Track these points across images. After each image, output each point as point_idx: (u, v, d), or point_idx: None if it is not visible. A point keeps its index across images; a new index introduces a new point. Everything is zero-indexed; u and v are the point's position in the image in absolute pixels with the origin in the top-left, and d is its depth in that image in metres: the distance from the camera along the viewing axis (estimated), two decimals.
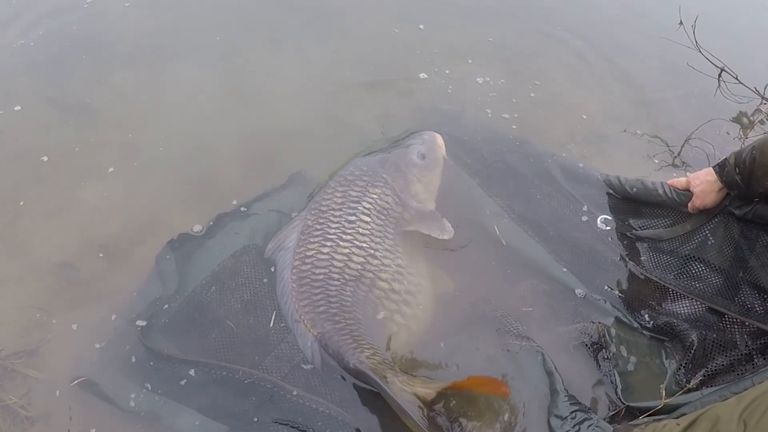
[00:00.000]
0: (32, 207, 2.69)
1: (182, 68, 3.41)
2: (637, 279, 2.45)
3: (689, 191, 2.47)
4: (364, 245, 2.37)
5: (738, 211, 2.38)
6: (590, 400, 2.10)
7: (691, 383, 2.05)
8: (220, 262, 2.39)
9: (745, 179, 2.26)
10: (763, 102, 3.46)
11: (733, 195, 2.39)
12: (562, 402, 2.00)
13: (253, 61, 3.48)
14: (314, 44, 3.61)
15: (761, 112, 3.48)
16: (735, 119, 3.44)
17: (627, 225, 2.61)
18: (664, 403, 1.94)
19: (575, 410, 1.97)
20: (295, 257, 2.32)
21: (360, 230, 2.41)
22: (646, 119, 3.38)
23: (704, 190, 2.40)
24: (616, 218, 2.63)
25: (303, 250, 2.34)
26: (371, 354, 2.06)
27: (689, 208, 2.48)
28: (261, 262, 2.41)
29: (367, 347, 2.09)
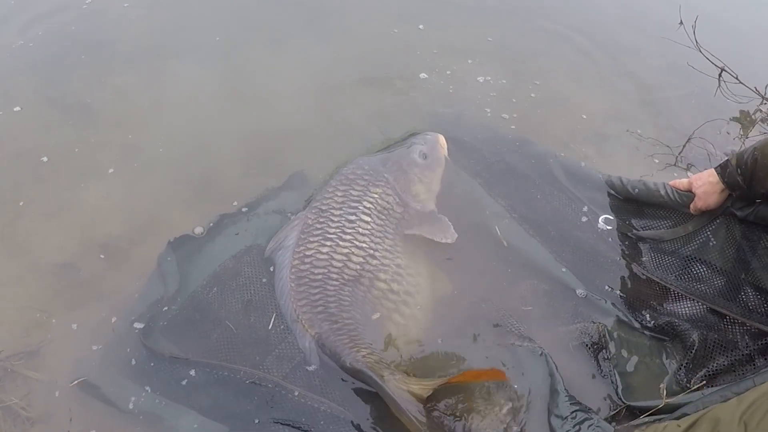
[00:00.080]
0: (32, 207, 2.69)
1: (182, 68, 3.41)
2: (639, 279, 2.44)
3: (691, 192, 2.47)
4: (364, 245, 2.36)
5: (740, 213, 2.39)
6: (590, 400, 2.09)
7: (692, 384, 2.05)
8: (221, 263, 2.39)
9: (747, 180, 2.26)
10: (764, 102, 3.47)
11: (735, 196, 2.39)
12: (563, 402, 1.99)
13: (254, 61, 3.48)
14: (314, 44, 3.61)
15: (761, 112, 3.48)
16: (735, 119, 3.44)
17: (629, 225, 2.61)
18: (665, 403, 1.94)
19: (576, 410, 1.97)
20: (294, 256, 2.32)
21: (360, 230, 2.40)
22: (647, 119, 3.37)
23: (706, 191, 2.41)
24: (618, 218, 2.63)
25: (302, 250, 2.34)
26: (368, 353, 2.06)
27: (691, 209, 2.48)
28: (262, 263, 2.40)
29: (364, 347, 2.09)
